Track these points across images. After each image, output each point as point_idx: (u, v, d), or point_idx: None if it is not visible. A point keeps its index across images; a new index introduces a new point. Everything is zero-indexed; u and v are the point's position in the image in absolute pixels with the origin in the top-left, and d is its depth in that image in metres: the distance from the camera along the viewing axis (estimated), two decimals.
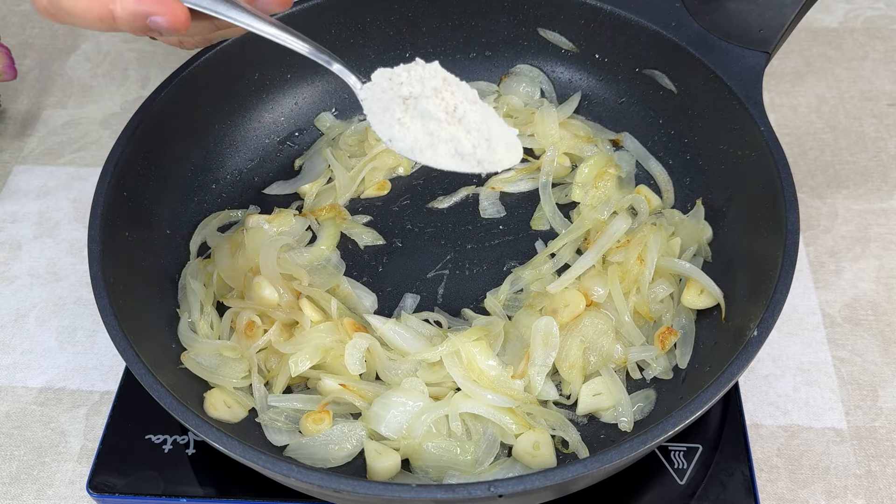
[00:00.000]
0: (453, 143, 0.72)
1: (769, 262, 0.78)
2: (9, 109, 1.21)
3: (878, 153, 1.12)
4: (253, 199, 1.01)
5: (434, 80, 0.72)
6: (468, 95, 0.73)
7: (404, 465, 0.80)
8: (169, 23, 0.65)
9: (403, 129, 0.72)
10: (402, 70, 0.73)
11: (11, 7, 1.35)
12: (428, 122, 0.71)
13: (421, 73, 0.72)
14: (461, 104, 0.72)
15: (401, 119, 0.72)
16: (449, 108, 0.71)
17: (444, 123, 0.71)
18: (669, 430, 0.68)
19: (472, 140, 0.72)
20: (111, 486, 0.81)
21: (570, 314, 0.85)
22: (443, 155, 0.72)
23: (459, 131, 0.72)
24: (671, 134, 1.01)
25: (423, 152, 0.72)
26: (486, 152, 0.72)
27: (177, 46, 0.80)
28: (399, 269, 0.95)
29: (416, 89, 0.71)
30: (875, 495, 0.84)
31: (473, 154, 0.72)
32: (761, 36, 0.93)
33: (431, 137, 0.72)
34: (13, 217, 1.09)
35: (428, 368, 0.83)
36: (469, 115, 0.72)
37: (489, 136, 0.72)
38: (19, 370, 0.95)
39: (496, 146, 0.73)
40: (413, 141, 0.72)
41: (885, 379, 0.92)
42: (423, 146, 0.72)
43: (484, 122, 0.73)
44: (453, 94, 0.72)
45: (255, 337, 0.85)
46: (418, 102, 0.71)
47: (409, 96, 0.72)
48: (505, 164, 0.73)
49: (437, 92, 0.71)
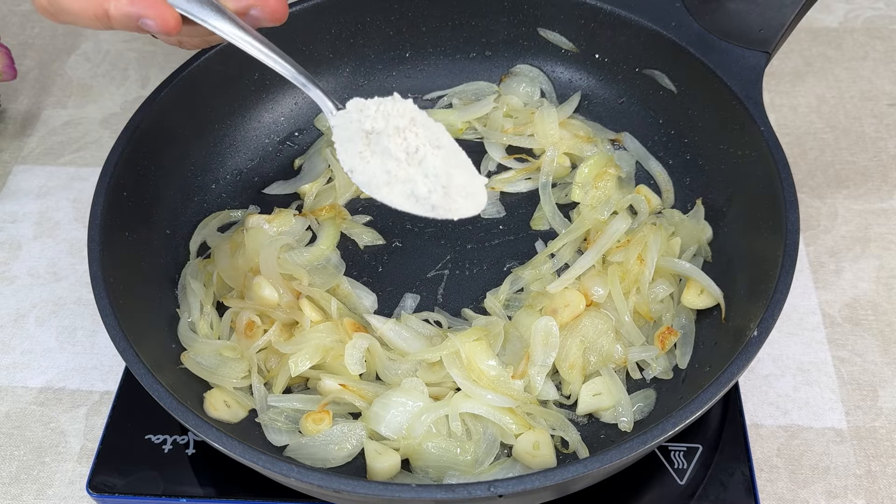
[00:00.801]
0: (409, 184, 0.72)
1: (769, 262, 0.78)
2: (9, 109, 1.21)
3: (878, 153, 1.12)
4: (253, 199, 1.01)
5: (400, 119, 0.71)
6: (434, 138, 0.72)
7: (404, 465, 0.80)
8: (159, 26, 0.69)
9: (363, 163, 0.72)
10: (372, 103, 0.72)
11: (11, 7, 1.35)
12: (387, 159, 0.71)
13: (389, 108, 0.72)
14: (423, 147, 0.71)
15: (362, 152, 0.72)
16: (410, 148, 0.71)
17: (403, 163, 0.71)
18: (669, 430, 0.68)
19: (428, 185, 0.71)
20: (111, 486, 0.81)
21: (570, 314, 0.85)
22: (398, 195, 0.72)
23: (417, 174, 0.71)
24: (671, 134, 1.01)
25: (378, 189, 0.72)
26: (441, 199, 0.72)
27: (176, 46, 0.82)
28: (399, 269, 0.95)
29: (378, 125, 0.71)
30: (875, 495, 0.84)
31: (428, 199, 0.72)
32: (761, 36, 0.93)
33: (388, 175, 0.71)
34: (13, 217, 1.09)
35: (428, 368, 0.83)
36: (429, 158, 0.71)
37: (447, 182, 0.72)
38: (19, 370, 0.95)
39: (454, 194, 0.72)
40: (371, 176, 0.72)
41: (885, 379, 0.92)
42: (380, 183, 0.72)
43: (444, 169, 0.72)
44: (416, 136, 0.71)
45: (255, 337, 0.85)
46: (380, 139, 0.71)
47: (371, 131, 0.72)
48: (461, 214, 0.73)
49: (399, 131, 0.71)
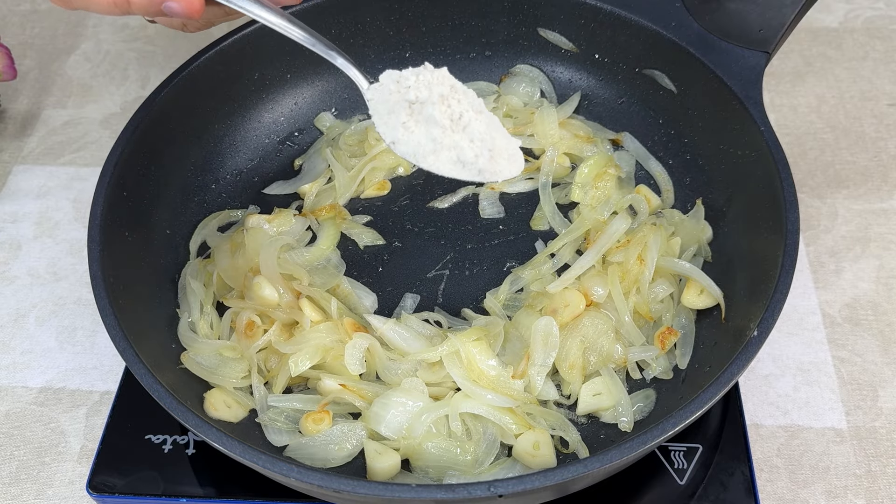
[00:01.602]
0: (456, 150, 0.72)
1: (769, 262, 0.78)
2: (9, 109, 1.21)
3: (878, 153, 1.12)
4: (253, 199, 1.01)
5: (441, 87, 0.72)
6: (474, 104, 0.73)
7: (404, 465, 0.80)
8: (184, 8, 0.68)
9: (407, 133, 0.72)
10: (410, 73, 0.73)
11: (11, 7, 1.35)
12: (432, 127, 0.72)
13: (429, 78, 0.72)
14: (466, 112, 0.72)
15: (405, 123, 0.72)
16: (454, 115, 0.72)
17: (448, 130, 0.72)
18: (669, 430, 0.68)
19: (474, 149, 0.72)
20: (111, 486, 0.81)
21: (570, 314, 0.85)
22: (444, 161, 0.73)
23: (463, 139, 0.72)
24: (671, 134, 1.01)
25: (425, 158, 0.73)
26: (487, 162, 0.73)
27: (179, 29, 0.81)
28: (399, 269, 0.95)
29: (422, 94, 0.72)
30: (875, 495, 0.84)
31: (475, 163, 0.72)
32: (761, 36, 0.93)
33: (434, 143, 0.72)
34: (13, 217, 1.09)
35: (428, 368, 0.83)
36: (473, 124, 0.72)
37: (492, 146, 0.73)
38: (19, 370, 0.95)
39: (498, 157, 0.73)
40: (416, 145, 0.72)
41: (885, 379, 0.92)
42: (426, 152, 0.72)
43: (488, 133, 0.73)
44: (459, 102, 0.72)
45: (255, 337, 0.85)
46: (424, 108, 0.71)
47: (415, 101, 0.72)
48: (505, 175, 0.74)
49: (444, 98, 0.71)
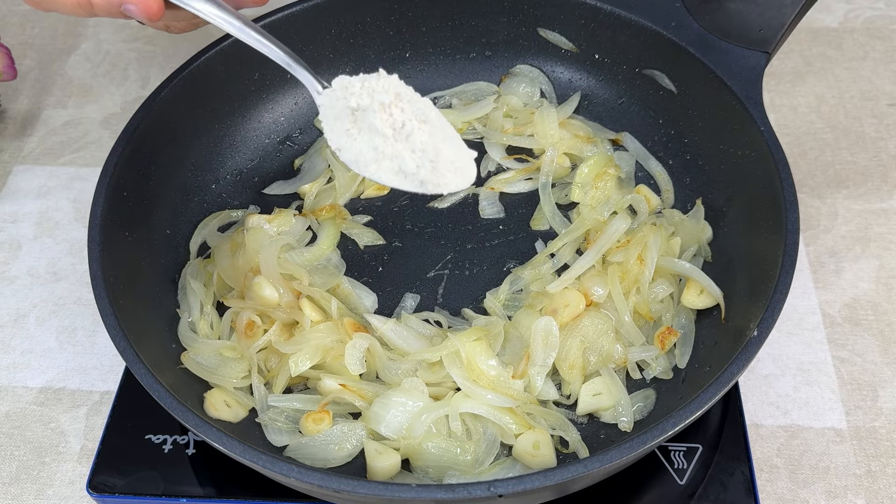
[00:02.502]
0: (397, 160, 0.72)
1: (769, 262, 0.78)
2: (9, 109, 1.21)
3: (878, 153, 1.12)
4: (253, 199, 1.01)
5: (385, 95, 0.71)
6: (420, 113, 0.73)
7: (404, 465, 0.80)
8: (141, 10, 0.69)
9: (350, 140, 0.72)
10: (357, 80, 0.72)
11: (11, 7, 1.35)
12: (373, 136, 0.71)
13: (374, 85, 0.72)
14: (409, 122, 0.71)
15: (349, 130, 0.72)
16: (396, 124, 0.71)
17: (390, 140, 0.71)
18: (669, 430, 0.68)
19: (415, 160, 0.71)
20: (111, 486, 0.81)
21: (570, 314, 0.85)
22: (386, 171, 0.72)
23: (404, 149, 0.71)
24: (671, 134, 1.01)
25: (367, 166, 0.72)
26: (429, 173, 0.72)
27: (163, 31, 0.82)
28: (399, 269, 0.95)
29: (364, 102, 0.71)
30: (875, 495, 0.84)
31: (416, 174, 0.72)
32: (761, 36, 0.93)
33: (376, 152, 0.71)
34: (13, 217, 1.09)
35: (428, 368, 0.83)
36: (416, 133, 0.71)
37: (435, 157, 0.72)
38: (19, 370, 0.95)
39: (442, 168, 0.72)
40: (358, 153, 0.72)
41: (885, 379, 0.92)
42: (368, 160, 0.72)
43: (431, 143, 0.72)
44: (402, 111, 0.71)
45: (255, 337, 0.85)
46: (366, 115, 0.71)
47: (357, 108, 0.72)
48: (450, 188, 0.73)
49: (385, 107, 0.71)
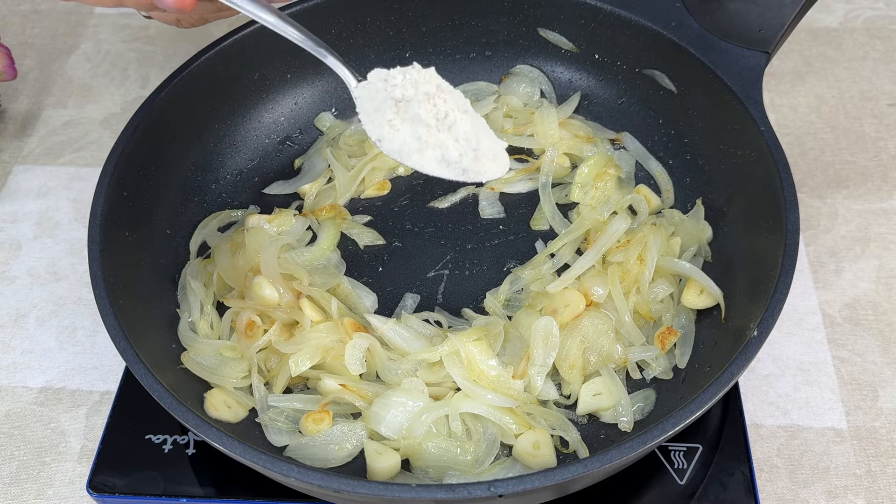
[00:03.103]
0: (441, 149, 0.73)
1: (769, 262, 0.78)
2: (9, 109, 1.21)
3: (878, 153, 1.12)
4: (253, 199, 1.01)
5: (427, 86, 0.72)
6: (460, 104, 0.74)
7: (404, 465, 0.80)
8: (176, 3, 0.69)
9: (393, 131, 0.73)
10: (397, 73, 0.73)
11: (11, 7, 1.35)
12: (417, 126, 0.72)
13: (416, 77, 0.73)
14: (452, 112, 0.73)
15: (391, 121, 0.73)
16: (440, 114, 0.72)
17: (434, 129, 0.72)
18: (669, 430, 0.68)
19: (459, 148, 0.73)
20: (111, 486, 0.81)
21: (570, 314, 0.85)
22: (429, 160, 0.73)
23: (448, 139, 0.73)
24: (671, 134, 1.01)
25: (410, 156, 0.73)
26: (471, 162, 0.73)
27: (173, 24, 0.82)
28: (399, 269, 0.95)
29: (409, 93, 0.72)
30: (875, 495, 0.84)
31: (459, 162, 0.73)
32: (761, 36, 0.93)
33: (419, 142, 0.72)
34: (13, 217, 1.09)
35: (428, 368, 0.83)
36: (459, 123, 0.73)
37: (477, 146, 0.73)
38: (19, 370, 0.95)
39: (483, 157, 0.74)
40: (401, 143, 0.73)
41: (885, 379, 0.92)
42: (411, 150, 0.73)
43: (473, 133, 0.73)
44: (445, 102, 0.73)
45: (255, 337, 0.85)
46: (410, 106, 0.72)
47: (401, 99, 0.72)
48: (490, 175, 0.75)
49: (430, 97, 0.72)
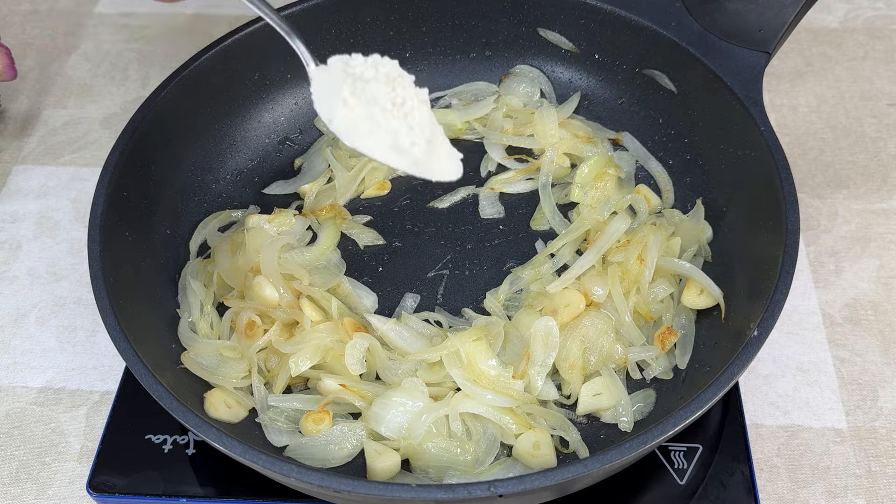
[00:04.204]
0: (393, 135, 0.70)
1: (769, 262, 0.78)
2: (9, 109, 1.21)
3: (878, 153, 1.12)
4: (253, 199, 1.01)
5: (388, 68, 0.70)
6: (420, 95, 0.72)
7: (404, 465, 0.80)
8: None
9: (347, 110, 0.70)
10: (359, 56, 0.71)
11: (11, 7, 1.35)
12: (373, 107, 0.70)
13: (377, 60, 0.71)
14: (410, 100, 0.70)
15: (346, 99, 0.70)
16: (397, 99, 0.70)
17: (389, 114, 0.70)
18: (669, 430, 0.68)
19: (412, 137, 0.70)
20: (111, 486, 0.81)
21: (570, 314, 0.85)
22: (380, 144, 0.70)
23: (402, 126, 0.70)
24: (671, 134, 1.01)
25: (360, 137, 0.70)
26: (423, 154, 0.71)
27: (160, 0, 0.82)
28: (399, 269, 0.95)
29: (368, 73, 0.70)
30: (875, 495, 0.84)
31: (409, 151, 0.70)
32: (761, 36, 0.93)
33: (371, 123, 0.70)
34: (13, 217, 1.09)
35: (428, 368, 0.83)
36: (415, 112, 0.70)
37: (431, 139, 0.71)
38: (19, 370, 0.95)
39: (436, 153, 0.71)
40: (354, 123, 0.70)
41: (885, 379, 0.92)
42: (362, 131, 0.70)
43: (429, 125, 0.71)
44: (404, 88, 0.71)
45: (255, 337, 0.85)
46: (368, 86, 0.70)
47: (359, 77, 0.70)
48: (440, 175, 0.72)
49: (389, 79, 0.70)
